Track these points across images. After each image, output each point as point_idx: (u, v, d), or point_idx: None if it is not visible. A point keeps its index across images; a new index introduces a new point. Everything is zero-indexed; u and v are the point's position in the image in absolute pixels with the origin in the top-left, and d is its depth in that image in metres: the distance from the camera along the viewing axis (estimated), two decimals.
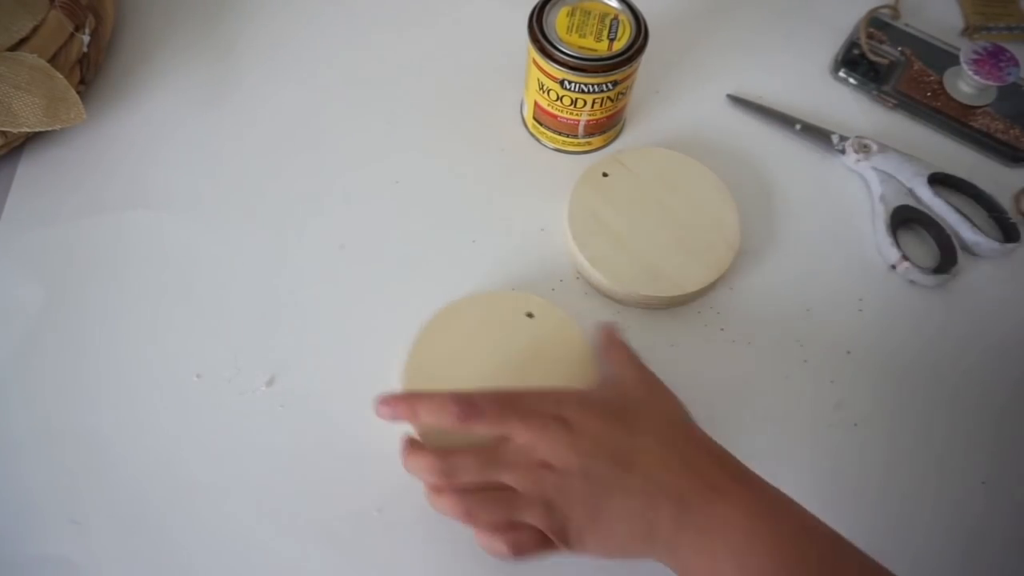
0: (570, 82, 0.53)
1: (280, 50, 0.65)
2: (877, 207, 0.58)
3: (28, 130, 0.55)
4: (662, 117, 0.63)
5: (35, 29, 0.56)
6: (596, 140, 0.60)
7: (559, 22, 0.53)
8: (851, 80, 0.65)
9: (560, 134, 0.59)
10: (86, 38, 0.59)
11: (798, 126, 0.62)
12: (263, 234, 0.56)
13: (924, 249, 0.58)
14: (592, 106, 0.55)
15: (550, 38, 0.53)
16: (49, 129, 0.55)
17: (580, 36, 0.53)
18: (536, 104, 0.58)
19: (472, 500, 0.40)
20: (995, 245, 0.56)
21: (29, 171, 0.58)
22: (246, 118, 0.61)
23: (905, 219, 0.57)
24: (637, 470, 0.38)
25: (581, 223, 0.54)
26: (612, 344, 0.48)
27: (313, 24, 0.67)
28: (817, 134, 0.61)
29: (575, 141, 0.59)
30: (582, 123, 0.57)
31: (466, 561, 0.46)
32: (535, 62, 0.54)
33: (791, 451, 0.50)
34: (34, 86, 0.54)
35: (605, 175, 0.56)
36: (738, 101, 0.64)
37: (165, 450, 0.48)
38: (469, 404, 0.40)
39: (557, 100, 0.56)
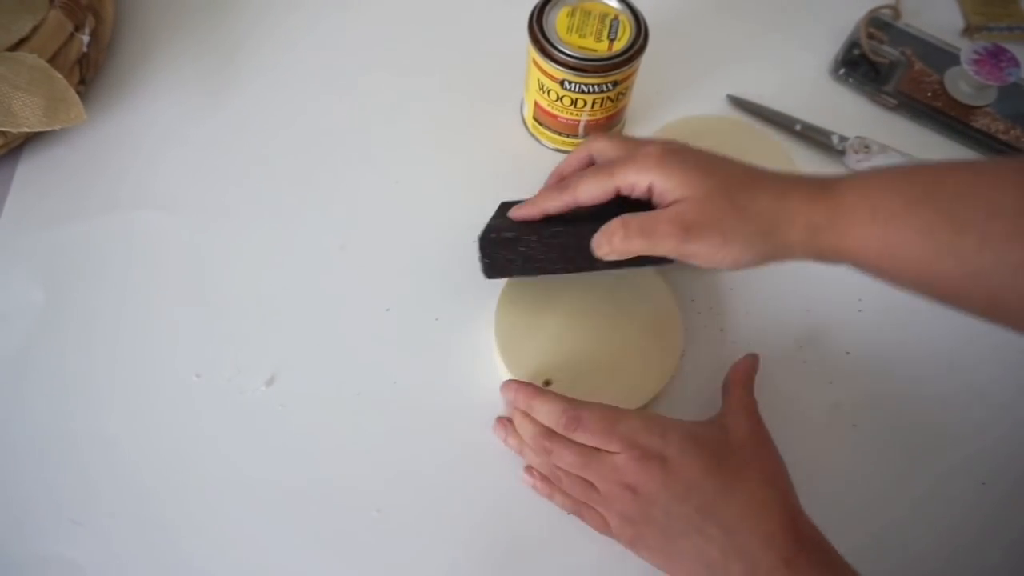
0: (570, 82, 0.53)
1: (280, 50, 0.65)
2: None
3: (28, 130, 0.55)
4: (662, 117, 0.62)
5: (35, 29, 0.56)
6: None
7: (559, 22, 0.53)
8: (851, 80, 0.65)
9: (560, 134, 0.59)
10: (86, 38, 0.58)
11: (798, 126, 0.62)
12: (263, 234, 0.56)
13: None
14: (592, 106, 0.55)
15: (550, 38, 0.53)
16: (49, 129, 0.55)
17: (580, 36, 0.53)
18: (536, 104, 0.58)
19: (562, 475, 0.44)
20: None
21: (29, 171, 0.58)
22: (246, 118, 0.61)
23: None
24: (719, 524, 0.39)
25: None
26: (739, 383, 0.47)
27: (313, 24, 0.67)
28: (817, 134, 0.61)
29: (575, 141, 0.59)
30: (582, 123, 0.57)
31: (466, 561, 0.46)
32: (535, 62, 0.54)
33: (791, 451, 0.50)
34: (34, 86, 0.54)
35: None
36: (738, 101, 0.63)
37: (165, 450, 0.48)
38: (576, 416, 0.43)
39: (557, 100, 0.55)
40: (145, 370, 0.51)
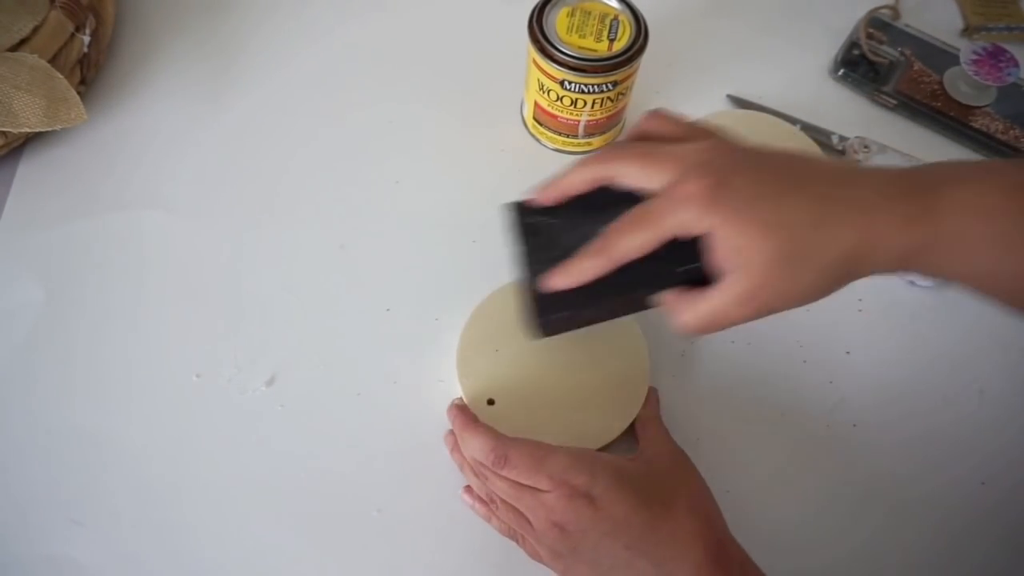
0: (570, 82, 0.53)
1: (280, 50, 0.65)
2: None
3: (28, 130, 0.55)
4: None
5: (36, 29, 0.56)
6: (596, 140, 0.60)
7: (559, 22, 0.53)
8: (851, 80, 0.65)
9: (560, 134, 0.59)
10: (86, 38, 0.59)
11: (798, 126, 0.62)
12: (263, 234, 0.56)
13: None
14: (592, 106, 0.55)
15: (550, 38, 0.53)
16: (49, 129, 0.55)
17: (580, 36, 0.53)
18: (536, 104, 0.58)
19: (499, 502, 0.44)
20: None
21: (29, 171, 0.58)
22: (246, 118, 0.61)
23: None
24: (648, 558, 0.39)
25: None
26: (652, 419, 0.48)
27: (313, 25, 0.67)
28: (817, 134, 0.61)
29: (575, 141, 0.59)
30: (582, 123, 0.57)
31: (466, 561, 0.46)
32: (535, 62, 0.54)
33: (791, 451, 0.50)
34: (34, 86, 0.54)
35: None
36: (738, 101, 0.64)
37: (165, 450, 0.48)
38: (503, 456, 0.42)
39: (557, 100, 0.56)
40: (145, 370, 0.51)
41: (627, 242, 0.38)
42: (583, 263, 0.39)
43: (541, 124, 0.59)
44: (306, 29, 0.66)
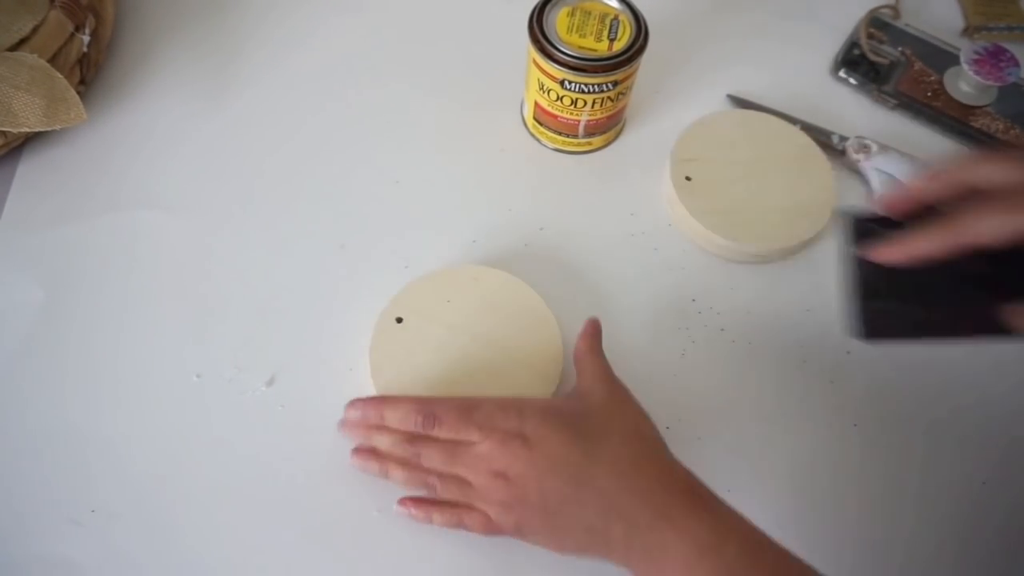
0: (570, 82, 0.53)
1: (280, 50, 0.65)
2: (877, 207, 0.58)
3: (28, 130, 0.55)
4: (662, 117, 0.63)
5: (35, 29, 0.56)
6: (596, 140, 0.60)
7: (559, 22, 0.53)
8: (851, 80, 0.65)
9: (560, 134, 0.59)
10: (86, 38, 0.59)
11: (798, 126, 0.62)
12: (263, 234, 0.56)
13: None
14: (592, 106, 0.55)
15: (550, 38, 0.53)
16: (49, 129, 0.55)
17: (580, 36, 0.53)
18: (536, 104, 0.58)
19: (436, 481, 0.43)
20: None
21: (29, 171, 0.58)
22: (246, 118, 0.61)
23: None
24: (592, 487, 0.40)
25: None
26: (589, 351, 0.46)
27: (313, 24, 0.67)
28: (817, 134, 0.61)
29: (575, 141, 0.59)
30: (582, 123, 0.57)
31: (466, 561, 0.46)
32: (535, 62, 0.54)
33: (791, 451, 0.50)
34: (34, 86, 0.54)
35: (688, 179, 0.57)
36: (738, 101, 0.63)
37: (165, 450, 0.48)
38: (431, 414, 0.43)
39: (557, 100, 0.56)
40: (145, 370, 0.51)
41: (982, 222, 0.32)
42: (920, 237, 0.34)
43: (541, 124, 0.59)
44: (305, 30, 0.66)
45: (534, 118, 0.59)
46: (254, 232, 0.56)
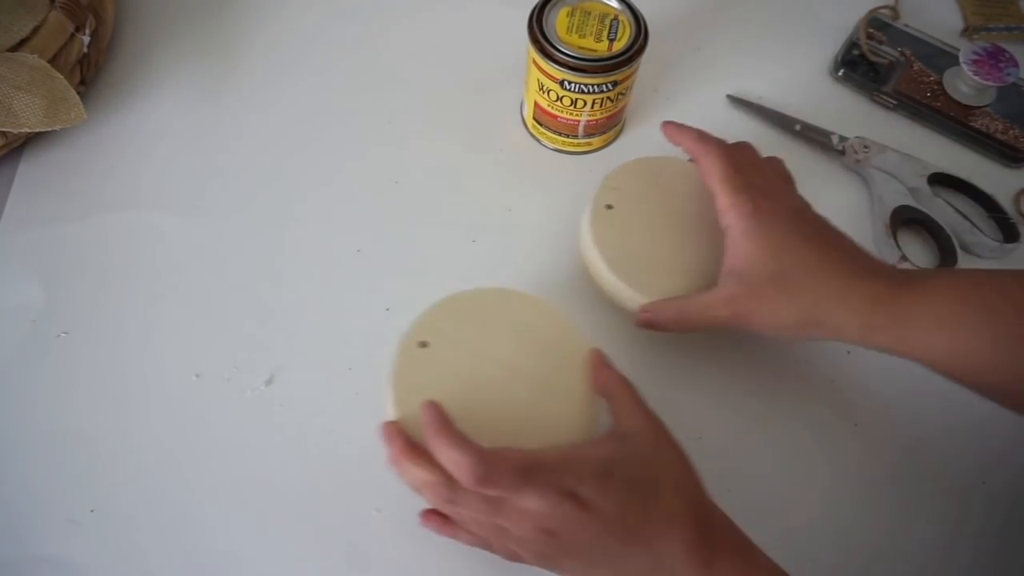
0: (570, 82, 0.53)
1: (280, 50, 0.65)
2: (877, 207, 0.58)
3: (28, 130, 0.55)
4: (662, 117, 0.62)
5: (35, 29, 0.56)
6: (596, 140, 0.60)
7: (559, 22, 0.53)
8: (851, 80, 0.65)
9: (560, 134, 0.59)
10: (86, 38, 0.59)
11: (798, 126, 0.62)
12: (262, 234, 0.56)
13: (924, 249, 0.58)
14: (592, 106, 0.55)
15: (550, 38, 0.53)
16: (49, 129, 0.55)
17: (580, 36, 0.53)
18: (536, 104, 0.58)
19: (469, 519, 0.41)
20: (995, 245, 0.56)
21: (29, 172, 0.58)
22: (246, 118, 0.61)
23: (905, 219, 0.57)
24: (640, 542, 0.39)
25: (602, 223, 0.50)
26: (616, 382, 0.44)
27: (313, 24, 0.67)
28: (817, 134, 0.61)
29: (575, 141, 0.59)
30: (582, 123, 0.57)
31: (466, 561, 0.46)
32: (535, 62, 0.54)
33: (791, 451, 0.50)
34: (34, 86, 0.54)
35: (609, 207, 0.51)
36: (738, 101, 0.64)
37: (165, 450, 0.48)
38: (487, 471, 0.37)
39: (557, 100, 0.56)
40: (144, 370, 0.51)
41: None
42: None
43: (541, 124, 0.59)
44: (305, 29, 0.66)
45: (534, 118, 0.60)
46: (254, 232, 0.56)
